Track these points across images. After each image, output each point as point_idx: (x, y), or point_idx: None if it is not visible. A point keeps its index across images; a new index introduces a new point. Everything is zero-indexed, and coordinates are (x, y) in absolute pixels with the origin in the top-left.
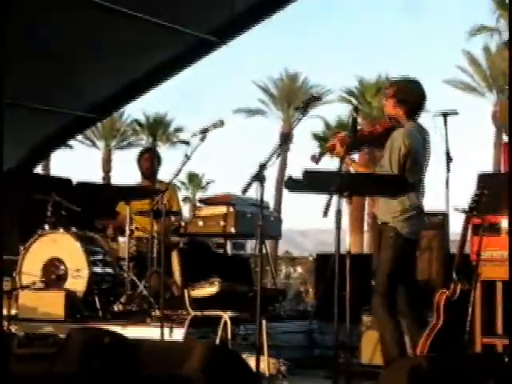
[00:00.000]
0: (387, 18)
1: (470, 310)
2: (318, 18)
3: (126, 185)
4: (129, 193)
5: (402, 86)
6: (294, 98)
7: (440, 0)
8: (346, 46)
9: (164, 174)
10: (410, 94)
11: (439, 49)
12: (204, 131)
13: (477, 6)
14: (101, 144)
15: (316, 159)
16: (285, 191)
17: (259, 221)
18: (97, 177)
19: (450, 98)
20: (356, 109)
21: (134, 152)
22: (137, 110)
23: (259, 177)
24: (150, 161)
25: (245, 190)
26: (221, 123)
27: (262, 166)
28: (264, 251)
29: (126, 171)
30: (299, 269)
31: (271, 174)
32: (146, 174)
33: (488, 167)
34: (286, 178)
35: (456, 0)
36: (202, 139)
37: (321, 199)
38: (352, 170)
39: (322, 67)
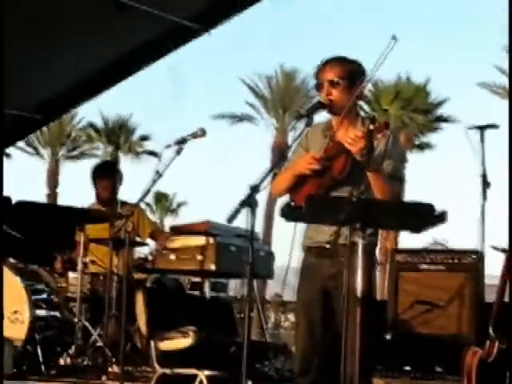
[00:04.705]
0: (410, 4)
1: (509, 374)
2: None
3: (79, 207)
4: (82, 217)
5: None
6: (291, 101)
7: None
8: (358, 39)
9: (126, 194)
10: None
11: (474, 43)
12: (180, 142)
13: None
14: (46, 153)
15: None
16: (276, 219)
17: (248, 256)
18: (40, 194)
19: (486, 105)
20: (373, 120)
21: (87, 164)
22: (93, 111)
23: (250, 202)
24: (109, 190)
25: (231, 218)
26: (201, 132)
27: (254, 189)
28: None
29: (77, 187)
30: (291, 316)
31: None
32: (103, 201)
33: None
34: (281, 204)
35: None
36: (178, 152)
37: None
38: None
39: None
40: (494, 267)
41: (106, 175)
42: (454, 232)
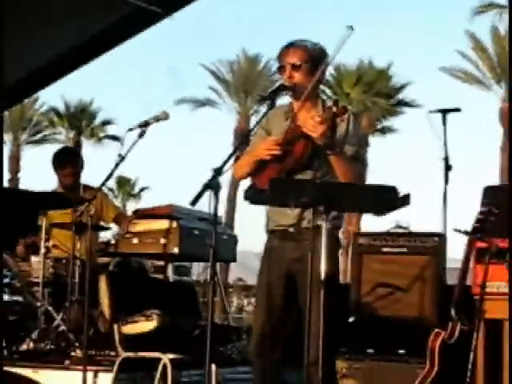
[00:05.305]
0: None
1: (471, 355)
2: None
3: (41, 191)
4: (46, 201)
5: None
6: (253, 85)
7: None
8: (320, 23)
9: (89, 179)
10: None
11: (435, 28)
12: (143, 125)
13: None
14: (7, 137)
15: None
16: (239, 203)
17: (211, 239)
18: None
19: (448, 90)
20: (336, 103)
21: (49, 149)
22: (54, 96)
23: (213, 185)
24: (71, 177)
25: (195, 201)
26: (165, 115)
27: (217, 172)
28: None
29: (39, 172)
30: (254, 300)
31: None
32: (66, 187)
33: (495, 177)
34: (244, 187)
35: None
36: (141, 135)
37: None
38: None
39: None
40: (456, 250)
41: (67, 163)
42: (416, 215)
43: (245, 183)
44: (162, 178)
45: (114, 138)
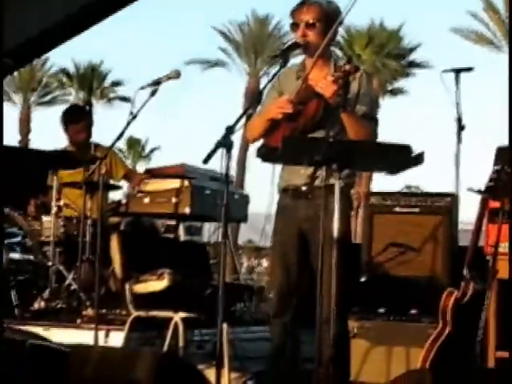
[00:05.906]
0: None
1: (483, 315)
2: None
3: (52, 150)
4: (56, 161)
5: None
6: (263, 47)
7: None
8: None
9: (98, 139)
10: None
11: None
12: (155, 83)
13: None
14: (18, 99)
15: None
16: (249, 163)
17: (223, 199)
18: (13, 140)
19: (459, 50)
20: (350, 60)
21: (59, 110)
22: (64, 56)
23: (226, 142)
24: (83, 133)
25: (207, 159)
26: (176, 74)
27: (229, 129)
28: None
29: (49, 133)
30: (265, 262)
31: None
32: (77, 144)
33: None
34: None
35: None
36: (153, 94)
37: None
38: None
39: None
40: (469, 212)
41: (78, 119)
42: (427, 178)
43: (256, 145)
44: (171, 138)
45: (125, 98)
